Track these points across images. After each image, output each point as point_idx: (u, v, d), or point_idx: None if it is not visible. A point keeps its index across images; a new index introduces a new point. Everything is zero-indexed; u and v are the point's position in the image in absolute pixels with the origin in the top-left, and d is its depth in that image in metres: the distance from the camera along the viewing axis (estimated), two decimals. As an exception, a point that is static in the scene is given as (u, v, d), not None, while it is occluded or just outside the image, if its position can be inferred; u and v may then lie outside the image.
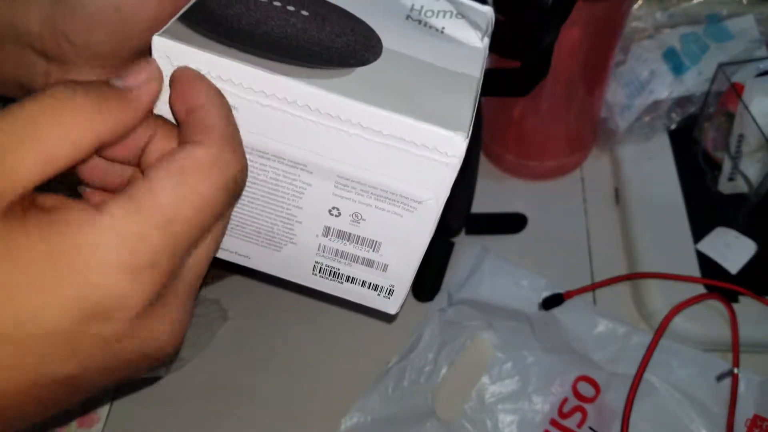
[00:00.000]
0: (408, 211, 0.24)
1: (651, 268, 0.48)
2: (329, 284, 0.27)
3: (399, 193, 0.23)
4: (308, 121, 0.22)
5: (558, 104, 0.50)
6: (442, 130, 0.21)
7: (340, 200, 0.24)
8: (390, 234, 0.25)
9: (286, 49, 0.23)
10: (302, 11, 0.25)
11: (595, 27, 0.44)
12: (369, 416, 0.44)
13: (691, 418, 0.43)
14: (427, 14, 0.27)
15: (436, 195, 0.23)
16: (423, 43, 0.25)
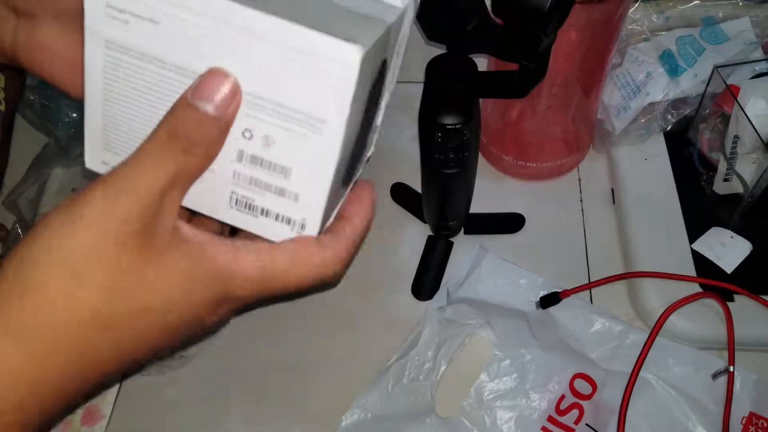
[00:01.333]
0: (314, 133, 0.24)
1: (647, 268, 0.48)
2: (245, 219, 0.27)
3: (303, 111, 0.24)
4: (220, 33, 0.23)
5: (555, 106, 0.51)
6: (337, 40, 0.22)
7: (252, 120, 0.25)
8: (299, 158, 0.25)
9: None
10: None
11: (592, 30, 0.44)
12: (369, 413, 0.44)
13: (687, 416, 0.43)
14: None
15: (338, 112, 0.23)
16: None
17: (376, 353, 0.47)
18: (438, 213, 0.50)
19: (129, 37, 0.24)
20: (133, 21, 0.24)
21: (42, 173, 0.56)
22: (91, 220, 0.23)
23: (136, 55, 0.24)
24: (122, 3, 0.24)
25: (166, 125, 0.24)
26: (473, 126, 0.41)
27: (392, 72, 0.30)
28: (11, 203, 0.55)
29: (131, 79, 0.25)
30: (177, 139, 0.23)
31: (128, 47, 0.24)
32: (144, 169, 0.23)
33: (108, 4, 0.24)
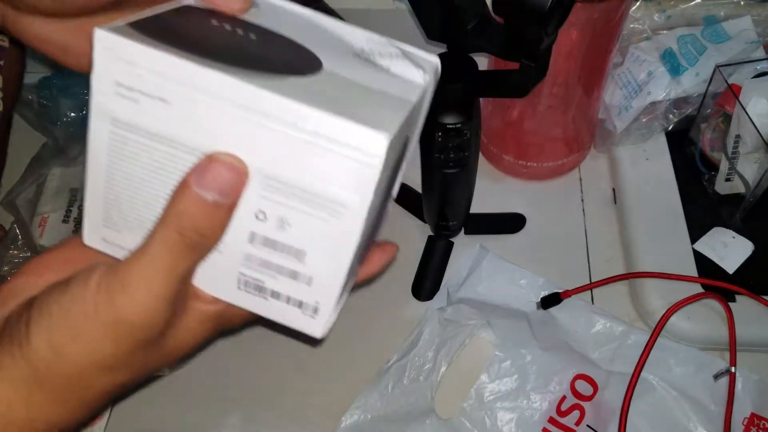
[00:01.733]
0: (333, 216, 0.23)
1: (648, 268, 0.48)
2: (254, 302, 0.26)
3: (323, 195, 0.23)
4: (235, 116, 0.22)
5: (556, 105, 0.51)
6: (363, 127, 0.21)
7: (266, 202, 0.24)
8: (316, 242, 0.24)
9: (224, 55, 0.23)
10: (250, 35, 0.26)
11: (593, 29, 0.44)
12: (369, 414, 0.44)
13: (688, 417, 0.43)
14: (374, 55, 0.27)
15: (360, 198, 0.22)
16: (365, 73, 0.26)
17: (376, 354, 0.47)
18: (438, 213, 0.50)
19: (138, 115, 0.23)
20: (143, 99, 0.23)
21: (40, 173, 0.56)
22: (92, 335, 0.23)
23: (145, 134, 0.24)
24: (132, 81, 0.23)
25: (172, 223, 0.23)
26: (474, 126, 0.41)
27: (413, 141, 0.30)
28: (9, 203, 0.55)
29: (138, 157, 0.24)
30: (186, 236, 0.23)
31: (137, 126, 0.23)
32: (151, 277, 0.23)
33: (117, 82, 0.23)
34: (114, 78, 0.23)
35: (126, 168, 0.25)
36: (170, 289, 0.23)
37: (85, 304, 0.23)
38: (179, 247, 0.23)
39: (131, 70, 0.23)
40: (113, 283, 0.23)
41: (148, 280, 0.23)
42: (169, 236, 0.23)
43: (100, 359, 0.24)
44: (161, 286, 0.23)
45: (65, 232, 0.53)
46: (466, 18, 0.37)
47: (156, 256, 0.23)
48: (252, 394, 0.46)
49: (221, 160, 0.23)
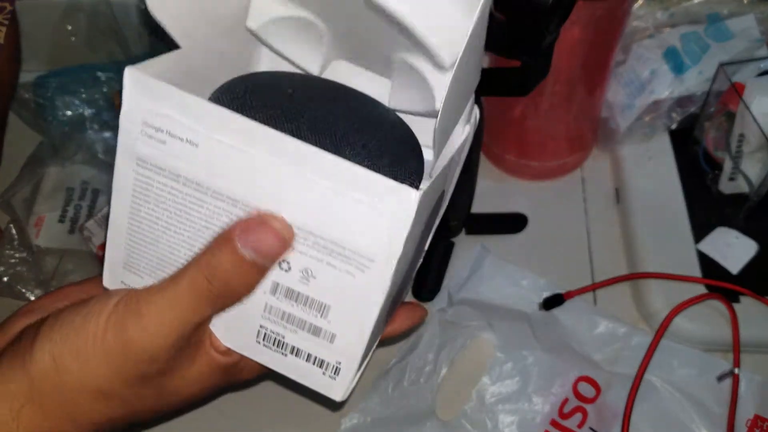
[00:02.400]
0: (360, 271, 0.22)
1: (651, 268, 0.48)
2: (272, 357, 0.26)
3: (351, 249, 0.22)
4: (264, 163, 0.22)
5: (558, 104, 0.50)
6: (393, 182, 0.21)
7: (292, 252, 0.23)
8: (340, 297, 0.23)
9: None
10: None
11: (596, 27, 0.44)
12: (369, 417, 0.44)
13: (691, 419, 0.43)
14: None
15: (389, 253, 0.22)
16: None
17: (376, 355, 0.46)
18: (439, 213, 0.49)
19: (164, 157, 0.23)
20: (170, 141, 0.23)
21: (36, 172, 0.56)
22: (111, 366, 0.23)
23: (171, 176, 0.23)
24: (160, 121, 0.22)
25: (204, 269, 0.23)
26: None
27: (449, 192, 0.30)
28: (5, 203, 0.55)
29: (162, 200, 0.24)
30: (214, 285, 0.23)
31: (162, 167, 0.23)
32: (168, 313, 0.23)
33: (145, 122, 0.23)
34: (142, 117, 0.22)
35: (150, 211, 0.24)
36: (183, 330, 0.23)
37: (96, 325, 0.23)
38: (205, 294, 0.23)
39: (160, 110, 0.22)
40: (129, 309, 0.23)
41: (165, 315, 0.23)
42: (197, 280, 0.23)
43: (96, 383, 0.24)
44: (175, 325, 0.23)
45: (61, 231, 0.53)
46: (468, 15, 0.37)
47: (179, 294, 0.23)
48: (251, 396, 0.46)
49: (270, 226, 0.22)
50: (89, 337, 0.23)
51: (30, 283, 0.51)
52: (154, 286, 0.23)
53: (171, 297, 0.23)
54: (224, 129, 0.22)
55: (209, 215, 0.23)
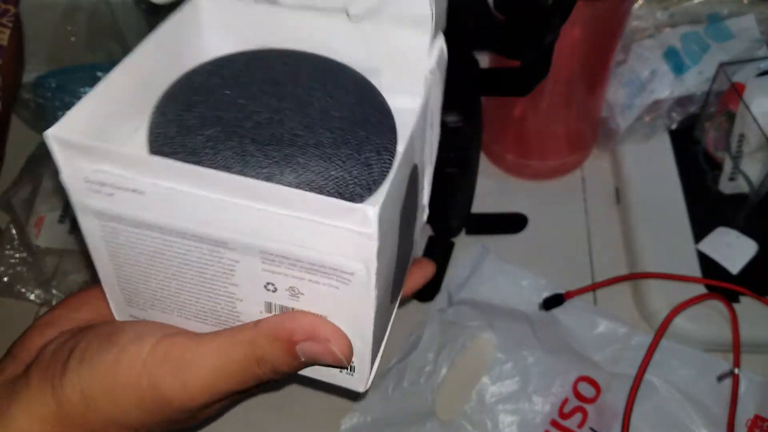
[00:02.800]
0: (343, 284, 0.22)
1: (652, 268, 0.48)
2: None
3: (328, 266, 0.22)
4: (222, 200, 0.21)
5: (558, 104, 0.50)
6: (347, 204, 0.20)
7: (273, 275, 0.23)
8: (333, 307, 0.23)
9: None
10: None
11: (596, 26, 0.44)
12: (369, 416, 0.44)
13: (691, 419, 0.43)
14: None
15: (366, 266, 0.22)
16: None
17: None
18: (439, 213, 0.49)
19: (118, 207, 0.22)
20: (117, 193, 0.22)
21: (36, 172, 0.56)
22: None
23: (132, 223, 0.23)
24: (101, 177, 0.22)
25: (258, 353, 0.23)
26: (475, 124, 0.41)
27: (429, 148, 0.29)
28: (5, 202, 0.55)
29: (134, 245, 0.23)
30: (262, 369, 0.24)
31: (122, 217, 0.23)
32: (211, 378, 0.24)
33: (87, 179, 0.22)
34: (83, 175, 0.22)
35: (128, 255, 0.24)
36: (221, 395, 0.24)
37: (130, 370, 0.23)
38: (251, 373, 0.24)
39: (96, 167, 0.22)
40: (168, 361, 0.23)
41: (207, 380, 0.23)
42: (248, 360, 0.23)
43: (127, 421, 0.24)
44: (216, 391, 0.24)
45: (61, 231, 0.53)
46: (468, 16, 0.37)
47: (227, 366, 0.23)
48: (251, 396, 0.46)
49: (330, 350, 0.23)
50: (122, 380, 0.23)
51: (30, 283, 0.51)
52: (198, 346, 0.24)
53: (218, 366, 0.23)
54: (164, 175, 0.21)
55: (182, 253, 0.23)
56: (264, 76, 0.25)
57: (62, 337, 0.25)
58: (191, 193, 0.21)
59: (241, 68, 0.25)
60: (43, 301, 0.51)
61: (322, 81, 0.25)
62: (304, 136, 0.23)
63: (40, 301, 0.51)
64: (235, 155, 0.22)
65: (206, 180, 0.21)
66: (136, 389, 0.23)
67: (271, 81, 0.25)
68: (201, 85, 0.25)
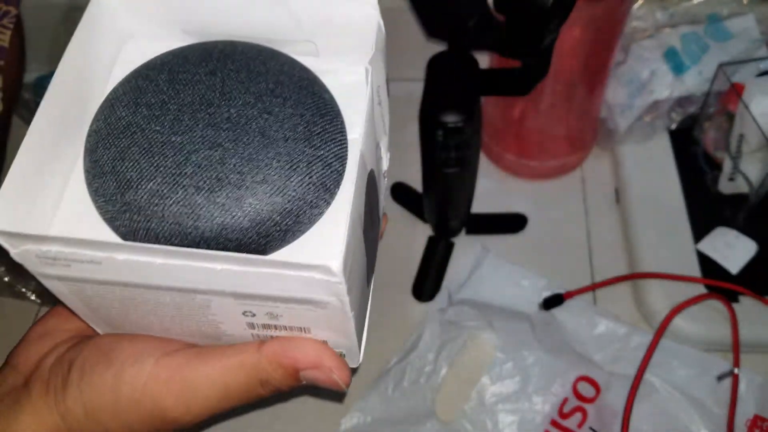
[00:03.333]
0: (319, 308, 0.22)
1: (651, 268, 0.48)
2: None
3: (303, 299, 0.22)
4: (182, 264, 0.21)
5: (558, 104, 0.50)
6: (315, 262, 0.20)
7: (249, 306, 0.23)
8: (312, 322, 0.24)
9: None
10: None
11: (596, 27, 0.44)
12: (369, 416, 0.44)
13: (691, 419, 0.43)
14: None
15: (338, 298, 0.22)
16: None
17: (376, 356, 0.46)
18: (439, 213, 0.49)
19: (78, 273, 0.22)
20: (73, 264, 0.21)
21: (37, 173, 0.56)
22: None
23: (95, 282, 0.22)
24: (54, 254, 0.21)
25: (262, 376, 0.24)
26: (475, 124, 0.41)
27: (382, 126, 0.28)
28: (6, 203, 0.55)
29: (104, 296, 0.23)
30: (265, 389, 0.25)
31: (84, 279, 0.22)
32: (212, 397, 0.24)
33: (39, 256, 0.21)
34: (35, 253, 0.21)
35: (100, 303, 0.24)
36: (222, 411, 0.25)
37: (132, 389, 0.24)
38: (255, 392, 0.25)
39: (44, 248, 0.21)
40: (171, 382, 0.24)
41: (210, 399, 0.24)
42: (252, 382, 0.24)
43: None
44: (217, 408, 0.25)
45: (62, 232, 0.53)
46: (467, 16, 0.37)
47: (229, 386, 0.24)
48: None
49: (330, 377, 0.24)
50: (124, 400, 0.24)
51: (30, 283, 0.51)
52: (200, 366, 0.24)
53: (221, 388, 0.24)
54: (117, 251, 0.21)
55: (154, 298, 0.23)
56: (192, 98, 0.23)
57: (59, 349, 0.26)
58: (149, 262, 0.21)
59: (165, 88, 0.23)
60: (44, 301, 0.51)
61: (255, 90, 0.23)
62: (249, 173, 0.22)
63: (41, 301, 0.51)
64: (184, 209, 0.21)
65: (161, 253, 0.20)
66: (138, 409, 0.24)
67: (200, 102, 0.22)
68: (129, 122, 0.22)
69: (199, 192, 0.21)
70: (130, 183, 0.21)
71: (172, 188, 0.21)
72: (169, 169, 0.21)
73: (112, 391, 0.24)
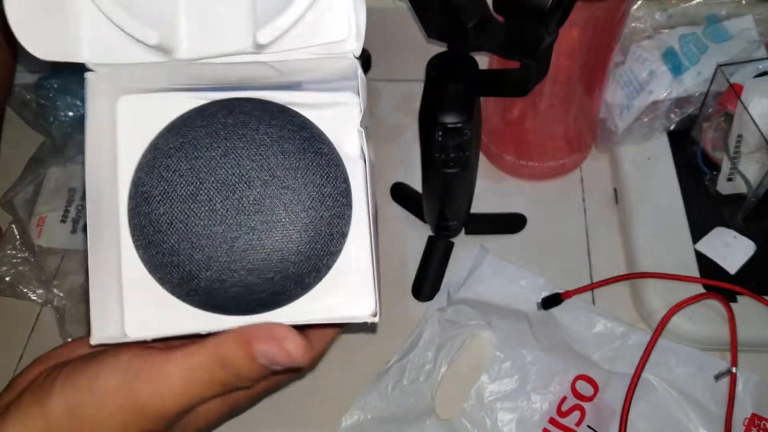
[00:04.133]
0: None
1: (650, 268, 0.48)
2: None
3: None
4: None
5: (557, 105, 0.50)
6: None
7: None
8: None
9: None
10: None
11: (594, 28, 0.44)
12: (369, 414, 0.44)
13: (689, 417, 0.43)
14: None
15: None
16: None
17: (376, 354, 0.46)
18: (438, 213, 0.50)
19: None
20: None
21: (38, 173, 0.56)
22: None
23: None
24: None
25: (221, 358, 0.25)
26: (474, 125, 0.41)
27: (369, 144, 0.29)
28: (7, 203, 0.55)
29: None
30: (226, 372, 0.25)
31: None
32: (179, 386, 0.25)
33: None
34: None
35: None
36: (195, 402, 0.25)
37: (106, 381, 0.25)
38: (217, 378, 0.25)
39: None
40: (143, 370, 0.25)
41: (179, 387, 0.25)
42: (213, 365, 0.25)
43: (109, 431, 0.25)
44: (188, 397, 0.25)
45: (63, 231, 0.53)
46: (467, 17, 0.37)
47: (195, 374, 0.25)
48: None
49: (285, 348, 0.25)
50: (101, 391, 0.25)
51: (32, 283, 0.51)
52: (168, 355, 0.25)
53: (187, 371, 0.25)
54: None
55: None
56: (217, 184, 0.24)
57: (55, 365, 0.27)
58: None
59: (190, 178, 0.24)
60: (45, 301, 0.51)
61: (267, 166, 0.25)
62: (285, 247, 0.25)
63: (42, 301, 0.51)
64: (241, 289, 0.25)
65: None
66: (114, 399, 0.25)
67: (225, 188, 0.24)
68: (171, 219, 0.24)
69: (251, 273, 0.24)
70: (191, 275, 0.24)
71: (227, 274, 0.24)
72: (221, 258, 0.24)
73: (89, 388, 0.25)
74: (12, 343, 0.50)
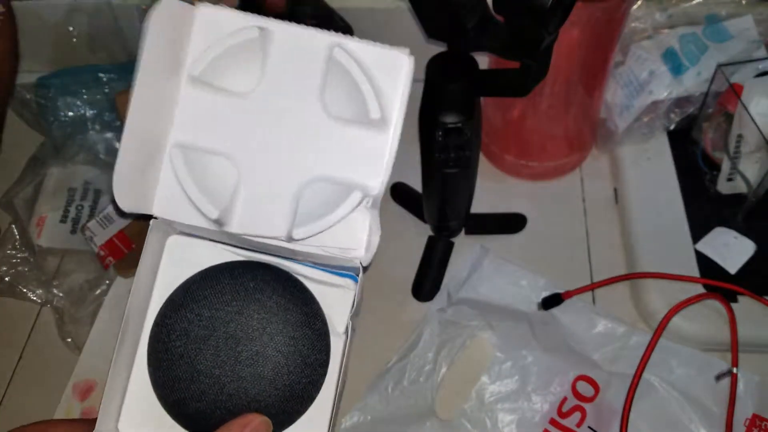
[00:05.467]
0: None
1: (650, 268, 0.48)
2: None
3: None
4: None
5: (557, 105, 0.50)
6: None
7: None
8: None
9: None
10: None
11: (595, 28, 0.44)
12: (369, 415, 0.44)
13: (690, 418, 0.43)
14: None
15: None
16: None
17: (376, 355, 0.46)
18: (439, 213, 0.50)
19: None
20: None
21: (38, 173, 0.56)
22: None
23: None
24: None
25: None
26: (474, 125, 0.41)
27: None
28: (7, 203, 0.55)
29: None
30: None
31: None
32: None
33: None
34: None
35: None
36: None
37: None
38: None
39: None
40: None
41: None
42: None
43: None
44: None
45: (63, 232, 0.53)
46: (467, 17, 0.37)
47: None
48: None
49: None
50: None
51: (32, 283, 0.51)
52: None
53: None
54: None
55: None
56: (226, 334, 0.29)
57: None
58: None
59: (207, 324, 0.29)
60: (45, 301, 0.51)
61: (270, 331, 0.29)
62: (264, 399, 0.29)
63: (42, 301, 0.51)
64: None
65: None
66: None
67: (233, 339, 0.29)
68: (182, 353, 0.29)
69: (231, 414, 0.28)
70: (184, 401, 0.29)
71: (213, 410, 0.28)
72: (211, 396, 0.28)
73: None
74: (12, 343, 0.50)
